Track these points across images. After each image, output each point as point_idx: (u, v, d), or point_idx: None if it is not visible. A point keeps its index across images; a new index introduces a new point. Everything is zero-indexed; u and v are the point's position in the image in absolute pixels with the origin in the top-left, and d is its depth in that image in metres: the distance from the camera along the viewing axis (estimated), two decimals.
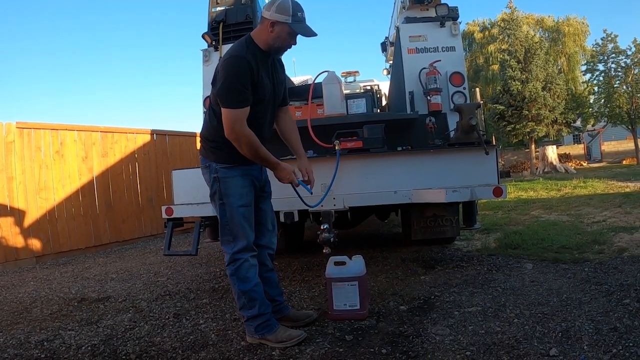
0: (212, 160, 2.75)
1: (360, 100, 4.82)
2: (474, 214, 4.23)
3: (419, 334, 2.72)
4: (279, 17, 2.55)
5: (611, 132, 33.02)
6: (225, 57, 2.60)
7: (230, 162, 2.70)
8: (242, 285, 2.72)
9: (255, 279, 2.77)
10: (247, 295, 2.73)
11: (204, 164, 2.80)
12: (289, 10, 2.55)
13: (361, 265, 3.11)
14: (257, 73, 2.60)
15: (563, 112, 22.36)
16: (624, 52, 24.78)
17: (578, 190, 10.88)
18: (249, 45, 2.63)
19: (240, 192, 2.73)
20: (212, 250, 6.36)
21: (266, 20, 2.59)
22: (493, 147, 3.66)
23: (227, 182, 2.70)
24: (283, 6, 2.55)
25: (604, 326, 2.61)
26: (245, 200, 2.75)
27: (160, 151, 9.41)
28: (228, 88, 2.53)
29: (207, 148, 2.78)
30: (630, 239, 4.89)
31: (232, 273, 2.74)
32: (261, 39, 2.65)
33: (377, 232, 7.19)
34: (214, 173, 2.72)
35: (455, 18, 4.63)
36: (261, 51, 2.66)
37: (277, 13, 2.55)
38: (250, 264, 2.75)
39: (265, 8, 2.60)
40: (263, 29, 2.63)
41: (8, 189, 6.78)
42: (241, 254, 2.72)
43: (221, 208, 2.73)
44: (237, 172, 2.72)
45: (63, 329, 3.33)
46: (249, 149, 2.60)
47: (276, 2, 2.56)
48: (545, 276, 3.77)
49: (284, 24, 2.57)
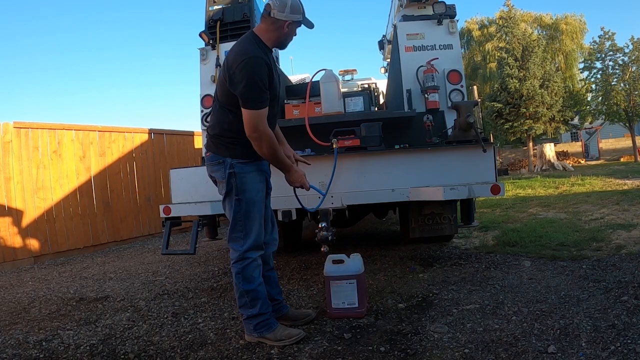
0: (226, 156, 2.72)
1: (358, 98, 4.82)
2: (472, 212, 4.24)
3: (417, 332, 2.73)
4: (294, 17, 2.69)
5: (609, 129, 33.11)
6: (242, 57, 2.57)
7: (247, 157, 2.71)
8: (246, 285, 2.72)
9: (260, 279, 2.78)
10: (250, 295, 2.73)
11: (216, 160, 2.76)
12: (300, 9, 2.71)
13: (359, 263, 3.11)
14: (271, 71, 2.67)
15: (561, 110, 22.36)
16: (621, 49, 24.83)
17: (576, 187, 10.89)
18: (259, 44, 2.68)
19: (257, 187, 2.75)
20: (211, 249, 6.36)
21: (280, 21, 2.67)
22: (491, 144, 3.66)
23: (245, 177, 2.70)
24: (295, 7, 2.69)
25: (602, 323, 2.62)
26: (261, 196, 2.79)
27: (158, 150, 9.41)
28: (251, 88, 2.55)
29: (220, 144, 2.76)
30: (628, 236, 4.90)
31: (237, 271, 2.73)
32: (270, 38, 2.72)
33: (375, 230, 7.19)
34: (230, 169, 2.69)
35: (452, 16, 4.62)
36: (267, 48, 2.73)
37: (292, 14, 2.67)
38: (257, 263, 2.76)
39: (277, 9, 2.64)
40: (274, 29, 2.70)
41: (6, 189, 6.77)
42: (251, 253, 2.72)
43: (237, 204, 2.70)
44: (253, 168, 2.75)
45: (61, 329, 3.33)
46: (268, 149, 2.63)
47: (288, 3, 2.65)
48: (544, 273, 3.78)
49: (297, 22, 2.73)
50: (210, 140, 2.82)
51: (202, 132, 4.77)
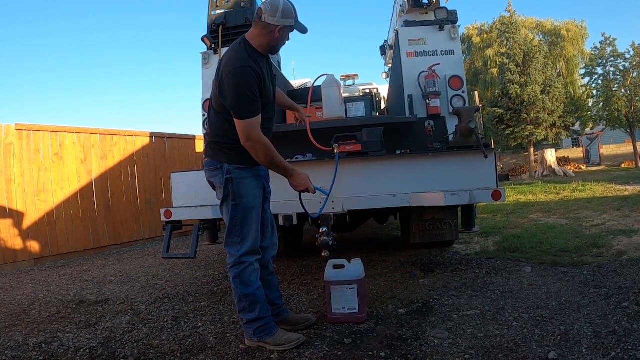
0: (223, 162, 2.72)
1: (360, 103, 4.83)
2: (473, 218, 4.23)
3: (418, 338, 2.72)
4: (285, 22, 2.64)
5: (610, 135, 33.11)
6: (230, 67, 2.56)
7: (244, 163, 2.70)
8: (244, 289, 2.71)
9: (258, 283, 2.77)
10: (248, 299, 2.72)
11: (214, 166, 2.76)
12: (292, 14, 2.66)
13: (360, 268, 3.11)
14: (262, 79, 2.64)
15: (562, 116, 22.40)
16: (622, 55, 24.85)
17: (577, 193, 10.89)
18: (249, 52, 2.65)
19: (254, 193, 2.74)
20: (211, 253, 6.35)
21: (272, 26, 2.63)
22: (492, 150, 3.66)
23: (241, 183, 2.70)
24: (287, 11, 2.63)
25: (603, 329, 2.62)
26: (258, 201, 2.77)
27: (159, 154, 9.42)
28: (240, 100, 2.55)
29: (217, 149, 2.76)
30: (629, 242, 4.90)
31: (235, 276, 2.72)
32: (262, 43, 2.69)
33: (376, 235, 7.19)
34: (227, 174, 2.69)
35: (454, 22, 4.64)
36: (259, 54, 2.70)
37: (283, 19, 2.62)
38: (255, 267, 2.75)
39: (269, 14, 2.60)
40: (265, 34, 2.66)
41: (7, 191, 6.78)
42: (247, 257, 2.71)
43: (233, 209, 2.70)
44: (250, 173, 2.74)
45: (61, 332, 3.32)
46: (265, 156, 2.63)
47: (280, 8, 2.60)
48: (544, 279, 3.77)
49: (289, 27, 2.68)
50: (208, 146, 2.83)
51: (203, 136, 4.77)
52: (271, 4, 2.61)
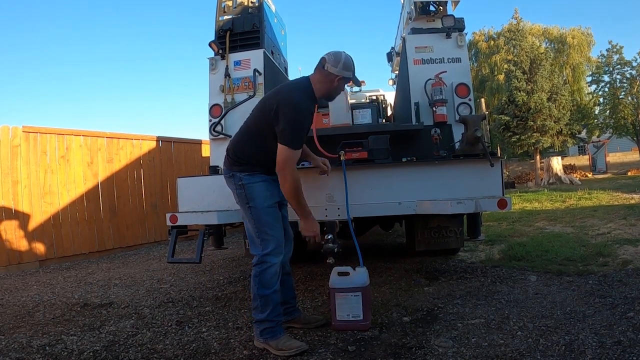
0: (235, 171, 2.90)
1: (366, 110, 4.82)
2: (478, 226, 4.21)
3: (422, 346, 2.71)
4: (345, 74, 2.90)
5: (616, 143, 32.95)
6: (296, 100, 2.76)
7: (254, 171, 2.88)
8: (261, 290, 2.81)
9: (276, 286, 2.86)
10: (263, 299, 2.81)
11: (228, 174, 2.95)
12: (352, 67, 2.93)
13: (365, 275, 3.11)
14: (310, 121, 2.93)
15: (568, 123, 22.35)
16: (629, 63, 24.83)
17: (583, 201, 10.84)
18: (310, 95, 2.89)
19: (264, 195, 2.87)
20: (216, 258, 6.36)
21: (332, 75, 2.88)
22: (498, 159, 3.65)
23: (252, 186, 2.86)
24: (348, 64, 2.90)
25: (608, 340, 2.60)
26: (271, 202, 2.90)
27: (166, 158, 9.46)
28: (295, 131, 2.74)
29: (233, 161, 2.94)
30: (635, 251, 4.87)
31: (255, 274, 2.83)
32: (321, 89, 2.93)
33: (381, 242, 7.18)
34: (239, 181, 2.88)
35: (461, 29, 4.63)
36: (315, 98, 2.94)
37: (344, 70, 2.88)
38: (276, 270, 2.85)
39: (331, 64, 2.86)
40: (326, 81, 2.91)
41: (13, 193, 6.82)
42: (270, 257, 2.81)
43: (249, 211, 2.86)
44: (260, 179, 2.88)
45: (65, 334, 3.34)
46: (290, 189, 2.78)
47: (342, 60, 2.87)
48: (549, 288, 3.76)
49: (347, 78, 2.95)
50: (227, 156, 3.01)
51: (210, 141, 4.79)
52: (335, 55, 2.89)
